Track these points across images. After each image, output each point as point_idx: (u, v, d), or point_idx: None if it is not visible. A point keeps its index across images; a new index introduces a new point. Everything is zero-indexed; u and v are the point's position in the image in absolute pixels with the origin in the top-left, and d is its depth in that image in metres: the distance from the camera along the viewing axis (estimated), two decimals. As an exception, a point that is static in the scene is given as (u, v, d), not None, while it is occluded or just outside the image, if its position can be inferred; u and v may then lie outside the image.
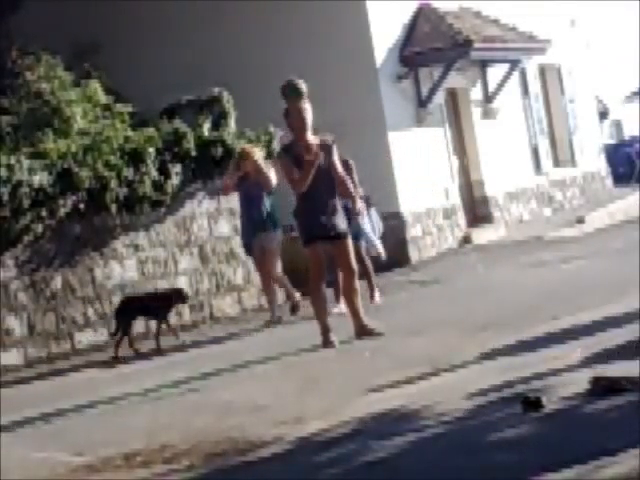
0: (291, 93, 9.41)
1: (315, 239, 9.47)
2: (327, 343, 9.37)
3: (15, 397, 9.31)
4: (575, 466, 4.75)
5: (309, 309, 10.09)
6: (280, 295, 12.47)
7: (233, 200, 13.52)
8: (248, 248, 12.11)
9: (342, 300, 10.84)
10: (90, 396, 8.61)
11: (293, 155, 9.43)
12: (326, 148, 9.49)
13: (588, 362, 6.94)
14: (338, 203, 9.53)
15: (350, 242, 9.62)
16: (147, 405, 8.00)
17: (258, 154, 12.14)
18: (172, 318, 12.16)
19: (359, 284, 9.74)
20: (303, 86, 9.44)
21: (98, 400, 8.37)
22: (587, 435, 5.23)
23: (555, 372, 6.85)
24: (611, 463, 4.73)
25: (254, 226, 11.82)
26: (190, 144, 12.89)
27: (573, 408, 5.87)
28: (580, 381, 6.25)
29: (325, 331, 9.44)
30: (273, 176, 11.78)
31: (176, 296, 11.31)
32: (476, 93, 19.18)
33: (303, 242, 9.64)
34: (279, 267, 12.05)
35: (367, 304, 10.70)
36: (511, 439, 5.48)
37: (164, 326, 11.16)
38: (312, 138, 9.49)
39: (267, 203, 11.82)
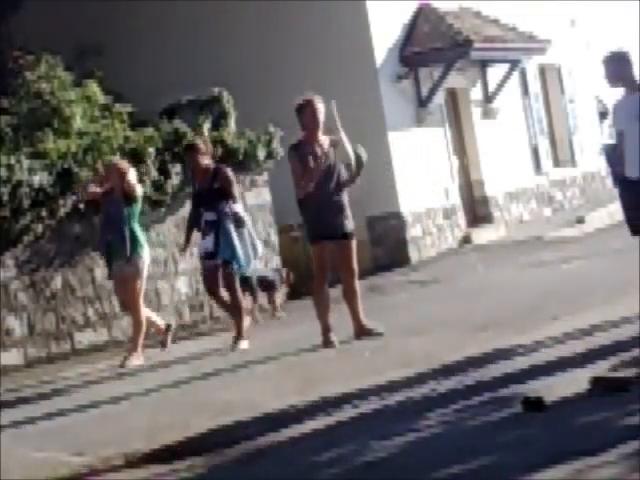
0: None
1: (322, 238, 9.47)
2: (327, 343, 9.38)
3: (15, 397, 9.31)
4: (574, 465, 4.75)
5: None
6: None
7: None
8: (110, 274, 10.54)
9: (245, 339, 10.22)
10: (90, 396, 8.62)
11: (302, 154, 9.44)
12: (334, 144, 9.52)
13: (588, 362, 6.94)
14: (346, 202, 9.54)
15: (354, 243, 9.61)
16: (147, 405, 8.00)
17: (131, 173, 10.51)
18: (171, 318, 12.23)
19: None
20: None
21: (98, 400, 8.38)
22: (587, 435, 5.23)
23: (555, 372, 6.86)
24: (610, 463, 4.73)
25: (113, 250, 10.28)
26: (190, 144, 12.88)
27: (573, 408, 5.87)
28: (580, 381, 6.26)
29: (326, 331, 9.45)
30: (138, 189, 10.50)
31: (287, 274, 12.69)
32: (476, 93, 19.18)
33: (309, 241, 9.64)
34: (139, 297, 10.36)
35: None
36: (511, 439, 5.48)
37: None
38: (322, 137, 9.52)
39: (129, 224, 10.20)
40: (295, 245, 14.37)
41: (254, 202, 13.76)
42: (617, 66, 8.72)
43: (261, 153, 13.73)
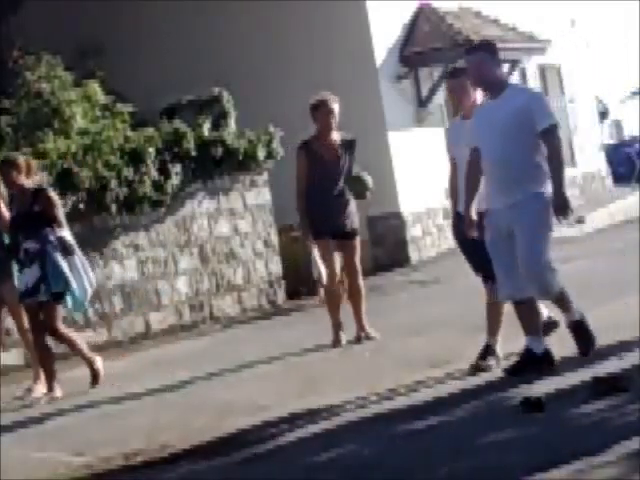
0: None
1: (323, 235, 9.49)
2: (337, 342, 9.39)
3: (15, 397, 9.30)
4: (574, 465, 4.75)
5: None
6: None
7: (233, 200, 13.53)
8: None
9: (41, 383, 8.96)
10: (90, 396, 8.61)
11: (312, 150, 9.52)
12: (347, 144, 9.58)
13: (588, 362, 6.94)
14: (351, 201, 9.57)
15: (358, 242, 9.61)
16: (147, 405, 8.00)
17: None
18: (171, 317, 12.28)
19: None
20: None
21: (98, 400, 8.37)
22: (587, 435, 5.23)
23: (555, 372, 6.86)
24: (610, 463, 4.73)
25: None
26: (190, 144, 12.88)
27: (573, 408, 5.87)
28: (580, 381, 6.26)
29: (337, 328, 9.46)
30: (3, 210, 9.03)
31: None
32: (476, 93, 19.16)
33: (312, 237, 9.63)
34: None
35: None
36: (511, 439, 5.48)
37: None
38: (335, 135, 9.57)
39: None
40: (295, 245, 14.36)
41: (254, 202, 13.76)
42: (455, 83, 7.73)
43: (261, 153, 13.72)
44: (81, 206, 11.70)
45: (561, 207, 6.86)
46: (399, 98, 17.15)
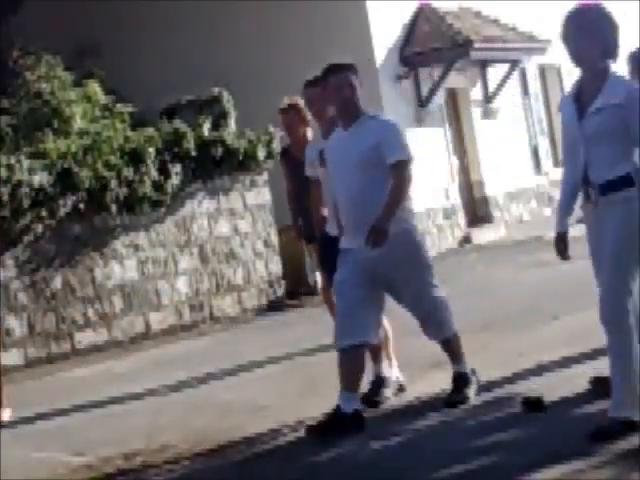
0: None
1: (315, 238, 9.51)
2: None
3: (15, 397, 9.30)
4: (573, 465, 4.76)
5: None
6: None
7: (233, 200, 13.54)
8: None
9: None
10: (90, 396, 8.61)
11: (291, 155, 9.51)
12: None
13: (588, 362, 6.94)
14: None
15: None
16: (147, 405, 8.01)
17: None
18: (171, 317, 12.28)
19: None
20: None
21: (98, 400, 8.37)
22: (587, 435, 5.23)
23: (555, 372, 6.86)
24: (610, 463, 4.73)
25: None
26: (190, 144, 12.88)
27: (573, 408, 5.87)
28: (580, 381, 6.26)
29: None
30: None
31: None
32: (476, 93, 19.18)
33: (305, 241, 9.68)
34: None
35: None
36: (511, 439, 5.49)
37: None
38: (309, 135, 9.51)
39: None
40: (295, 245, 14.37)
41: (254, 202, 13.76)
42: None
43: (261, 153, 13.73)
44: (81, 206, 11.71)
45: (376, 236, 6.16)
46: (399, 98, 17.15)
